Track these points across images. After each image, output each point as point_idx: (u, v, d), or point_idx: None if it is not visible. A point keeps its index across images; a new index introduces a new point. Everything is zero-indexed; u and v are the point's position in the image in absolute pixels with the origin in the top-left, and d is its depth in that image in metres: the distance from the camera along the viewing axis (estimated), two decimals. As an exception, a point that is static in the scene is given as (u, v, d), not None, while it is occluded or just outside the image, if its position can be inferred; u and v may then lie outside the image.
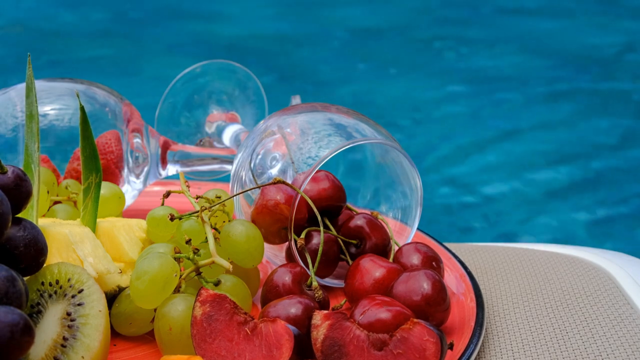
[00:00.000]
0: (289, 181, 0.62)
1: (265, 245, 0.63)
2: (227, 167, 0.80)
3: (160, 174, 0.79)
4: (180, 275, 0.56)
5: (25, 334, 0.40)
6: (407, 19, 3.65)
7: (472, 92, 2.81)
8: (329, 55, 3.19)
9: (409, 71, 3.00)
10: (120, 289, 0.59)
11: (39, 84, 0.72)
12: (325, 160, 0.60)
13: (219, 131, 0.85)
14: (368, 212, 0.67)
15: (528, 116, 2.60)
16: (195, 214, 0.61)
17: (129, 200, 0.76)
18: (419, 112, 2.63)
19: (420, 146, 2.36)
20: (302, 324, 0.53)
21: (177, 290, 0.56)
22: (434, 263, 0.61)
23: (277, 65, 3.02)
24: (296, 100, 0.83)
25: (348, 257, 0.65)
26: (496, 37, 3.36)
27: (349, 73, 2.99)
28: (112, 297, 0.58)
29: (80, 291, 0.50)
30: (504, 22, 3.59)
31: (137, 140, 0.75)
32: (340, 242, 0.65)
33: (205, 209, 0.60)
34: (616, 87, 2.85)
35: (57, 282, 0.50)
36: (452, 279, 0.65)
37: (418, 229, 0.70)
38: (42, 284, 0.50)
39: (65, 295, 0.50)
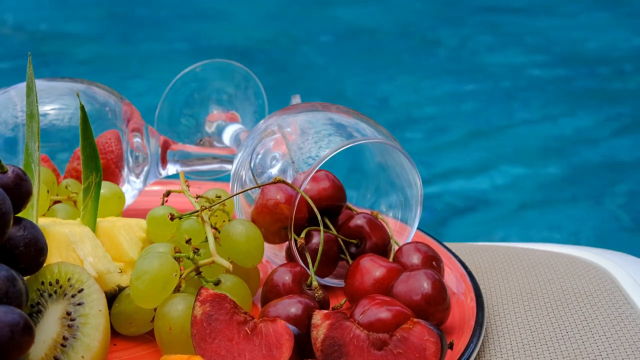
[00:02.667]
0: (289, 181, 0.62)
1: (265, 245, 0.63)
2: (227, 166, 0.80)
3: (160, 174, 0.78)
4: (180, 275, 0.56)
5: (25, 333, 0.40)
6: (407, 19, 3.65)
7: (471, 91, 2.81)
8: (331, 55, 3.19)
9: (408, 71, 3.00)
10: (120, 289, 0.59)
11: (39, 84, 0.72)
12: (325, 160, 0.60)
13: (219, 131, 0.85)
14: (368, 211, 0.67)
15: (526, 115, 2.60)
16: (195, 214, 0.61)
17: (129, 200, 0.76)
18: (417, 112, 2.63)
19: (422, 147, 2.36)
20: (302, 324, 0.53)
21: (177, 289, 0.56)
22: (434, 263, 0.61)
23: (277, 65, 3.02)
24: (296, 99, 0.83)
25: (348, 257, 0.65)
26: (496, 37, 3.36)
27: (349, 73, 2.99)
28: (112, 297, 0.58)
29: (80, 291, 0.50)
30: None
31: (137, 139, 0.75)
32: (340, 241, 0.65)
33: (205, 208, 0.60)
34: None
35: (57, 281, 0.50)
36: (452, 278, 0.65)
37: (418, 228, 0.70)
38: (42, 283, 0.50)
39: (65, 294, 0.50)
